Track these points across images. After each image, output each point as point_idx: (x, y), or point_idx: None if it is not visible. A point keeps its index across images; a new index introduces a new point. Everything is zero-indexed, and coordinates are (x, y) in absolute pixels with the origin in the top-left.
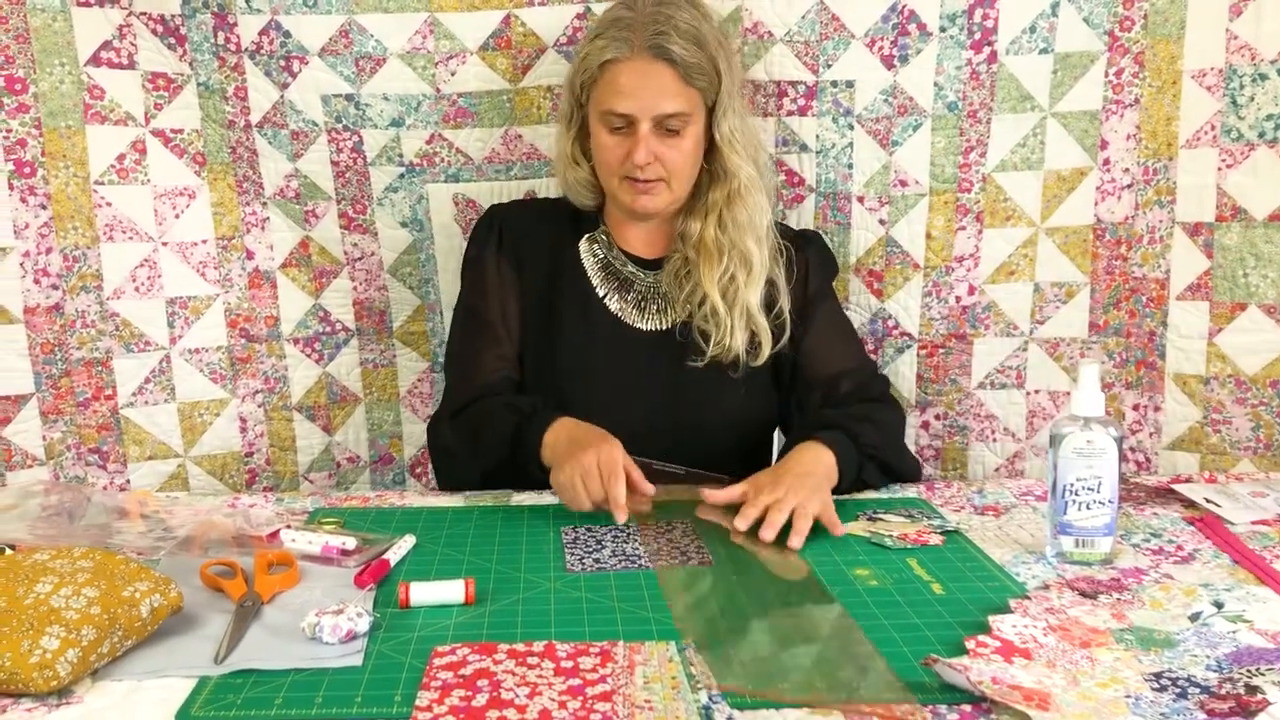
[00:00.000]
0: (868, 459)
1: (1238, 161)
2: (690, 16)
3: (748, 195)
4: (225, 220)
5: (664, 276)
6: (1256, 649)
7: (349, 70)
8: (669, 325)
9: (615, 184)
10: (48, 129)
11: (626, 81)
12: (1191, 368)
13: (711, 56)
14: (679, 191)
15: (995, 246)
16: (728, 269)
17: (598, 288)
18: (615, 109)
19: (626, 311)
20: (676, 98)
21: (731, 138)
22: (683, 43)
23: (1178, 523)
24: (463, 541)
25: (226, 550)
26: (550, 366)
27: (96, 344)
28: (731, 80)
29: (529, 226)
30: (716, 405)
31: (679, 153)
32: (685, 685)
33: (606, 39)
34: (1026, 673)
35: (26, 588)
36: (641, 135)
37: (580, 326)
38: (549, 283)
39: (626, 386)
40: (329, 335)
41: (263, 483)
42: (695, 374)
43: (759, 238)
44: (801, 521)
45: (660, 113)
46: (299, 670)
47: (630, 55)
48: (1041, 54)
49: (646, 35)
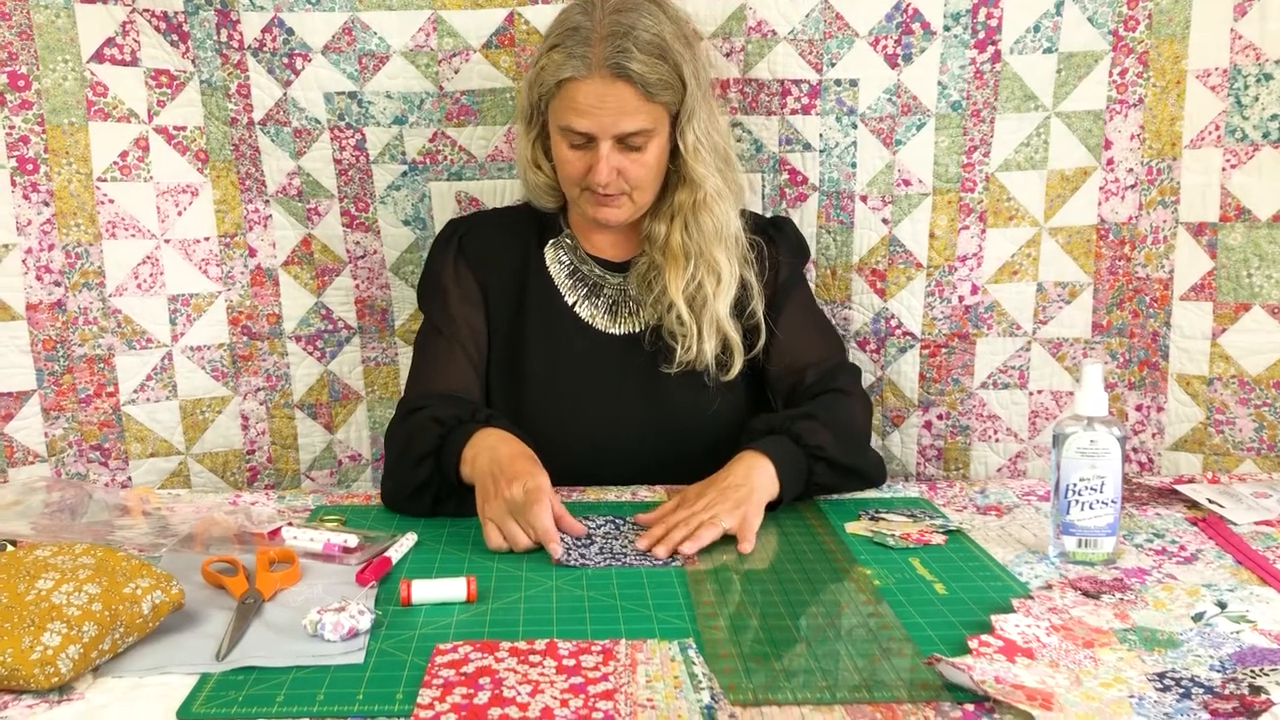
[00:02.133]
0: (815, 460)
1: (1242, 162)
2: (651, 22)
3: (714, 205)
4: (228, 218)
5: (632, 279)
6: (1260, 649)
7: (352, 68)
8: (641, 328)
9: (576, 194)
10: (50, 126)
11: (585, 101)
12: (1195, 368)
13: (675, 65)
14: (642, 201)
15: (998, 246)
16: (695, 275)
17: (565, 295)
18: (574, 127)
19: (597, 317)
20: (637, 115)
21: (697, 147)
22: (643, 58)
23: (1180, 523)
24: (464, 539)
25: (228, 547)
26: (519, 374)
27: (98, 341)
28: (698, 85)
29: (490, 237)
30: (691, 409)
31: (641, 166)
32: (688, 684)
33: (563, 53)
34: (1029, 672)
35: (28, 584)
36: (603, 154)
37: (548, 333)
38: (515, 291)
39: (598, 391)
40: (331, 333)
41: (264, 481)
42: (669, 377)
43: (727, 246)
44: (705, 531)
45: (621, 131)
46: (300, 668)
47: (588, 74)
48: (1045, 53)
49: (605, 52)
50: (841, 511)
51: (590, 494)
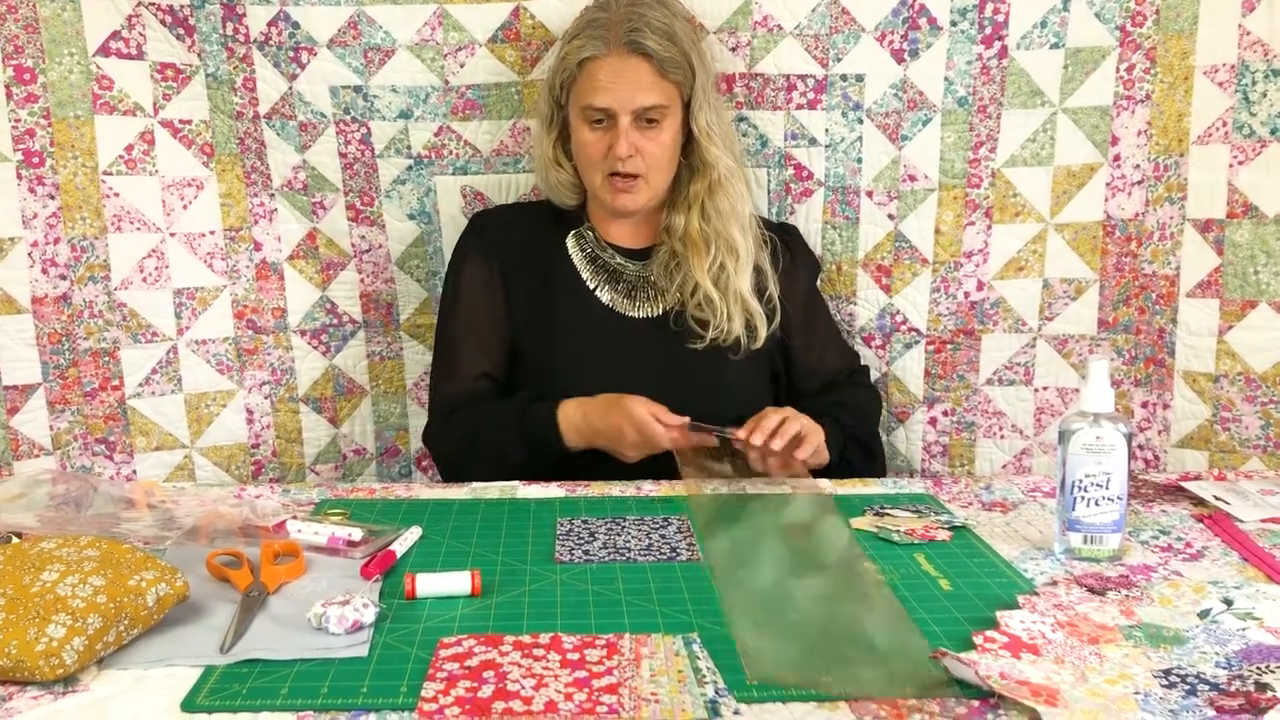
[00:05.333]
0: (850, 439)
1: (1249, 158)
2: (662, 14)
3: (728, 184)
4: (233, 211)
5: (654, 268)
6: (1266, 646)
7: (357, 62)
8: (662, 311)
9: (598, 182)
10: (56, 119)
11: (605, 77)
12: (1201, 365)
13: (685, 51)
14: (657, 186)
15: (1004, 242)
16: (716, 258)
17: (588, 281)
18: (595, 104)
19: (618, 301)
20: (653, 90)
21: (709, 129)
22: (656, 38)
23: (1186, 520)
24: (469, 533)
25: (233, 540)
26: (547, 358)
27: (104, 334)
28: (705, 75)
29: (514, 229)
30: (715, 386)
31: (658, 145)
32: (691, 678)
33: (584, 39)
34: (1035, 668)
35: (33, 576)
36: (622, 128)
37: (573, 317)
38: (539, 280)
39: (623, 371)
40: (336, 327)
41: (269, 474)
42: (692, 357)
43: (742, 225)
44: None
45: (639, 105)
46: (304, 660)
47: (607, 52)
48: (1052, 49)
49: (622, 32)
50: (847, 507)
51: (595, 488)
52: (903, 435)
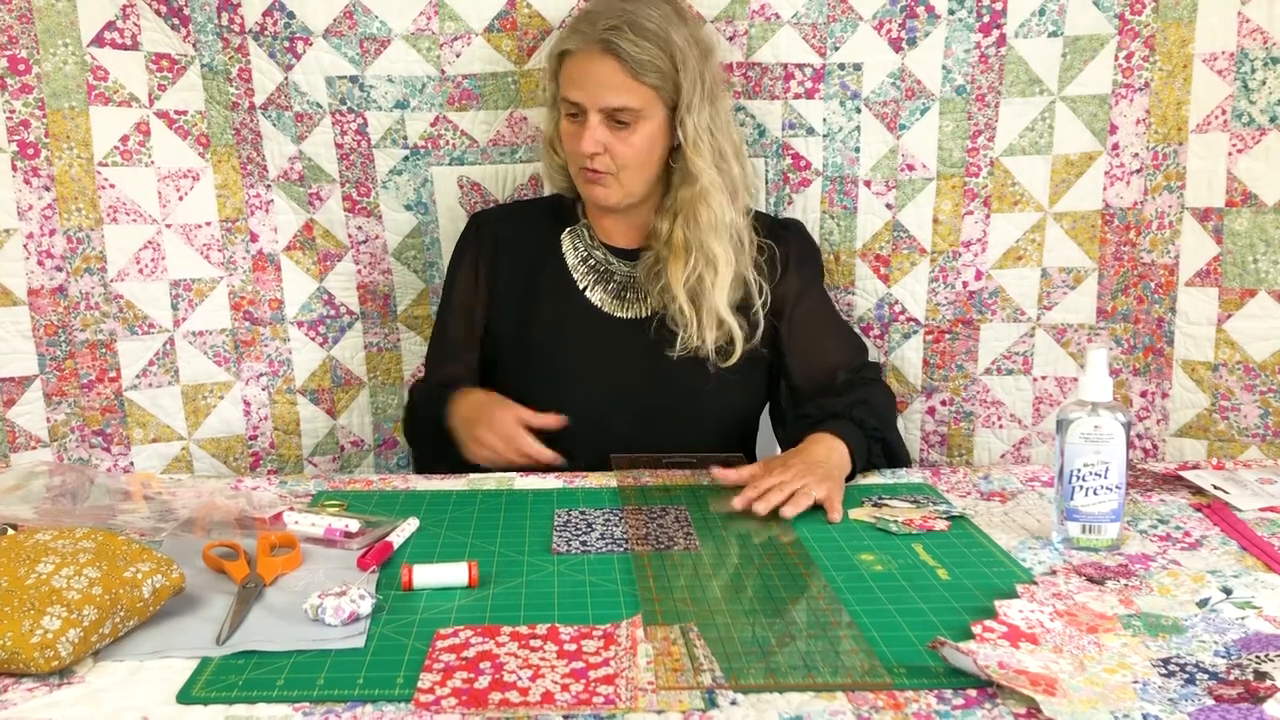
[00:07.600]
0: (874, 441)
1: (1248, 146)
2: (659, 16)
3: (710, 198)
4: (229, 202)
5: (639, 269)
6: (1265, 635)
7: (353, 52)
8: (648, 313)
9: (575, 172)
10: (51, 110)
11: (576, 72)
12: (1200, 354)
13: (670, 56)
14: (629, 186)
15: (1003, 231)
16: (695, 268)
17: (579, 280)
18: (568, 97)
19: (607, 301)
20: (622, 91)
21: (696, 140)
22: (635, 39)
23: (1185, 509)
24: (466, 524)
25: (229, 532)
26: (525, 349)
27: (100, 326)
28: (696, 82)
29: (512, 227)
30: (694, 394)
31: (627, 146)
32: (689, 668)
33: (569, 30)
34: (1033, 658)
35: (28, 568)
36: (589, 125)
37: (556, 316)
38: (531, 274)
39: (599, 369)
40: (333, 318)
41: (266, 466)
42: (672, 362)
43: (721, 238)
44: (802, 498)
45: (606, 105)
46: (301, 652)
47: (582, 47)
48: (1051, 37)
49: (600, 29)
50: (845, 497)
51: (592, 479)
52: (901, 425)
